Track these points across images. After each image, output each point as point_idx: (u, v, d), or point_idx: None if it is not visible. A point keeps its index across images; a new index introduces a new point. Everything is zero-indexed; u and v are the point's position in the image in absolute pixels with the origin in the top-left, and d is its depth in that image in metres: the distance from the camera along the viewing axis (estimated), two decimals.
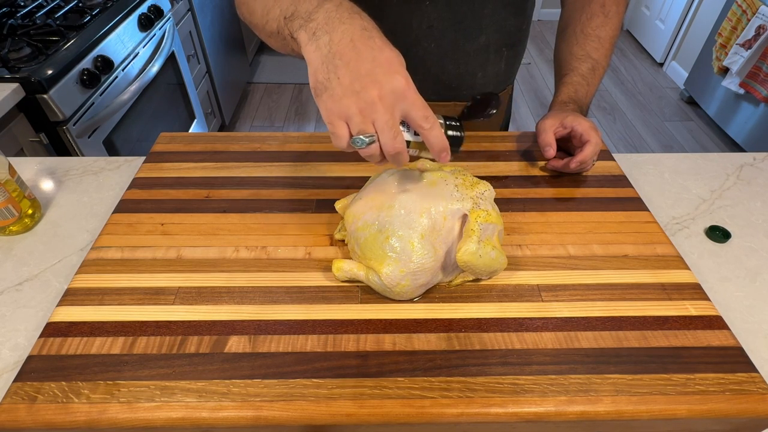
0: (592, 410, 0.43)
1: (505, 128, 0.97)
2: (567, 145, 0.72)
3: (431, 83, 0.79)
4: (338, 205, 0.60)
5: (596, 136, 0.66)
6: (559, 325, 0.50)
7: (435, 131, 0.43)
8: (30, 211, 0.65)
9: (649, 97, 2.84)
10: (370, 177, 0.60)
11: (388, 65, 0.41)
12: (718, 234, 0.64)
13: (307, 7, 0.44)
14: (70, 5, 1.36)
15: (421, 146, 0.46)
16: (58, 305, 0.51)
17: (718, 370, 0.46)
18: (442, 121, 0.47)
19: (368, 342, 0.48)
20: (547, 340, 0.49)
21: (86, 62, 1.22)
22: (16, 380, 0.44)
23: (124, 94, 1.35)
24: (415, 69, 0.76)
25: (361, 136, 0.42)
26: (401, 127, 0.44)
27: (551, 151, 0.67)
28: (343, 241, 0.59)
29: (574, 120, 0.67)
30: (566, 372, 0.46)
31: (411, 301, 0.52)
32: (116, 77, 1.34)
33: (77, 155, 1.21)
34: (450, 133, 0.47)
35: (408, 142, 0.45)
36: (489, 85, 0.81)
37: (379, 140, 0.42)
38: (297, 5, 0.45)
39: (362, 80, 0.40)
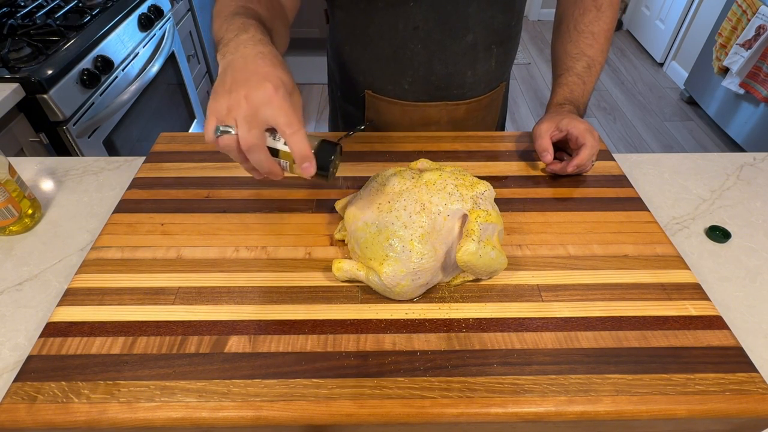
0: (592, 410, 0.43)
1: (501, 126, 0.97)
2: (566, 146, 0.72)
3: (421, 84, 0.79)
4: (338, 205, 0.60)
5: (592, 138, 0.66)
6: (559, 325, 0.50)
7: (297, 137, 0.44)
8: (30, 211, 0.65)
9: (649, 97, 2.84)
10: (370, 177, 0.60)
11: (264, 75, 0.44)
12: (718, 234, 0.64)
13: (229, 35, 0.50)
14: (70, 5, 1.36)
15: (291, 156, 0.46)
16: (58, 305, 0.51)
17: (718, 370, 0.46)
18: (316, 143, 0.48)
19: (368, 342, 0.48)
20: (547, 340, 0.49)
21: (86, 62, 1.22)
22: (16, 380, 0.45)
23: (124, 94, 1.35)
24: (403, 71, 0.78)
25: (220, 127, 0.44)
26: (273, 137, 0.46)
27: (548, 156, 0.67)
28: (343, 241, 0.59)
29: (570, 123, 0.67)
30: (566, 372, 0.46)
31: (411, 301, 0.52)
32: (116, 77, 1.34)
33: (77, 155, 1.21)
34: (320, 154, 0.47)
35: (278, 152, 0.47)
36: (480, 83, 0.81)
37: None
38: (225, 34, 0.51)
39: (237, 84, 0.44)
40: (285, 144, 0.46)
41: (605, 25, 0.74)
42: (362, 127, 0.53)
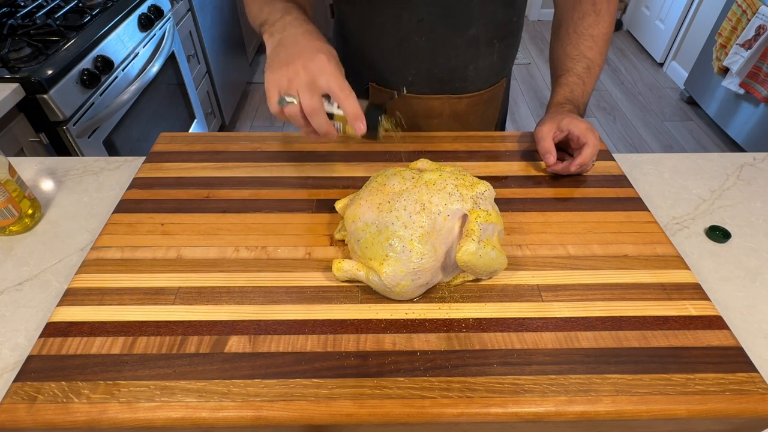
0: (592, 410, 0.43)
1: (502, 122, 0.98)
2: (566, 146, 0.72)
3: (424, 77, 0.79)
4: (338, 205, 0.60)
5: (593, 137, 0.66)
6: (559, 325, 0.50)
7: (350, 100, 0.51)
8: (30, 211, 0.65)
9: (649, 97, 2.84)
10: (370, 177, 0.60)
11: (317, 50, 0.52)
12: (718, 234, 0.64)
13: (274, 17, 0.58)
14: (70, 5, 1.36)
15: (344, 119, 0.53)
16: (58, 305, 0.51)
17: (718, 370, 0.46)
18: (365, 106, 0.53)
19: (368, 342, 0.48)
20: (547, 340, 0.49)
21: (86, 62, 1.22)
22: (16, 380, 0.44)
23: (124, 94, 1.35)
24: (407, 63, 0.79)
25: (285, 97, 0.51)
26: (327, 102, 0.53)
27: (551, 158, 0.67)
28: (343, 241, 0.59)
29: (571, 122, 0.67)
30: (566, 372, 0.46)
31: (411, 301, 0.52)
32: (116, 77, 1.34)
33: (77, 155, 1.21)
34: (369, 115, 0.53)
35: (332, 115, 0.53)
36: (481, 77, 0.82)
37: (300, 102, 0.51)
38: (269, 16, 0.59)
39: (293, 57, 0.51)
40: (338, 108, 0.52)
41: (604, 29, 0.75)
42: (404, 91, 0.66)
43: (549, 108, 0.76)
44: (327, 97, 0.53)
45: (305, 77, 0.50)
